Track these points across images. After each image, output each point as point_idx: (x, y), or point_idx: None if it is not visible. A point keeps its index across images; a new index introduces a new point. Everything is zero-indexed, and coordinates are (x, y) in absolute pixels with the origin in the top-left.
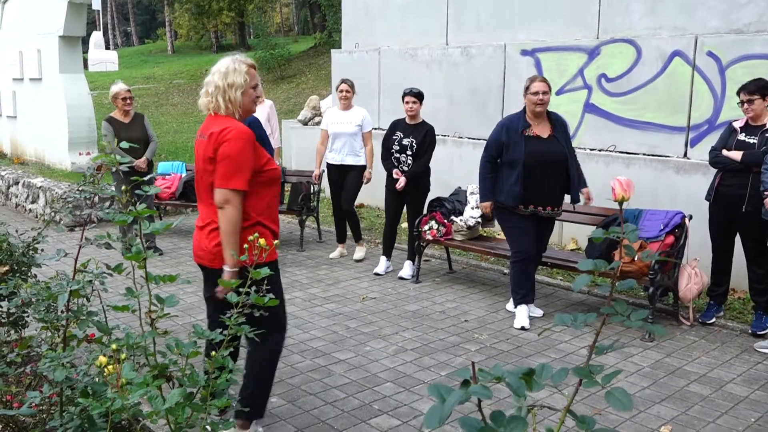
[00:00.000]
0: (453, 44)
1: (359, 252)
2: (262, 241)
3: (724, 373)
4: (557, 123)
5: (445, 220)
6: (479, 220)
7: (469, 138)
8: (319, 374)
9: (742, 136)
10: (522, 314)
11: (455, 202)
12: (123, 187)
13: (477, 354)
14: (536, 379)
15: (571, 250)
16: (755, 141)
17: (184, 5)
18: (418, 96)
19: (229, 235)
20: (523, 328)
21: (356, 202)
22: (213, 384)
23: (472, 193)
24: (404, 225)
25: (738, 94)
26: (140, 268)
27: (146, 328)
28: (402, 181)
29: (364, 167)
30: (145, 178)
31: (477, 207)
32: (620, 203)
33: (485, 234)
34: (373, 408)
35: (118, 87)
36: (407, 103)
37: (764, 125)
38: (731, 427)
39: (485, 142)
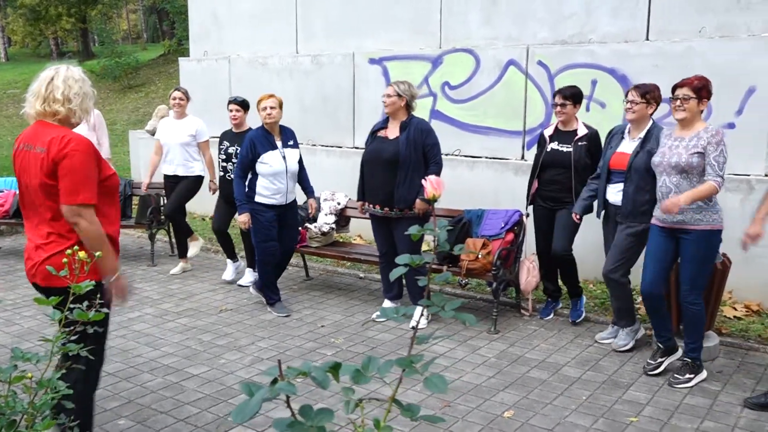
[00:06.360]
0: (303, 52)
1: (177, 267)
2: (81, 254)
3: (560, 358)
4: (411, 127)
5: (300, 227)
6: (333, 226)
7: (322, 146)
8: (170, 391)
9: (554, 145)
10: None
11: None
12: None
13: (333, 358)
14: (363, 372)
15: (425, 251)
16: (570, 150)
17: (17, 10)
18: (243, 105)
19: (96, 243)
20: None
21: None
22: (33, 407)
23: (326, 200)
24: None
25: (554, 96)
26: None
27: None
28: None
29: (196, 177)
30: None
31: (331, 213)
32: (432, 201)
33: (341, 239)
34: (228, 421)
35: None
36: (231, 111)
37: (575, 132)
38: (565, 406)
39: (337, 148)
